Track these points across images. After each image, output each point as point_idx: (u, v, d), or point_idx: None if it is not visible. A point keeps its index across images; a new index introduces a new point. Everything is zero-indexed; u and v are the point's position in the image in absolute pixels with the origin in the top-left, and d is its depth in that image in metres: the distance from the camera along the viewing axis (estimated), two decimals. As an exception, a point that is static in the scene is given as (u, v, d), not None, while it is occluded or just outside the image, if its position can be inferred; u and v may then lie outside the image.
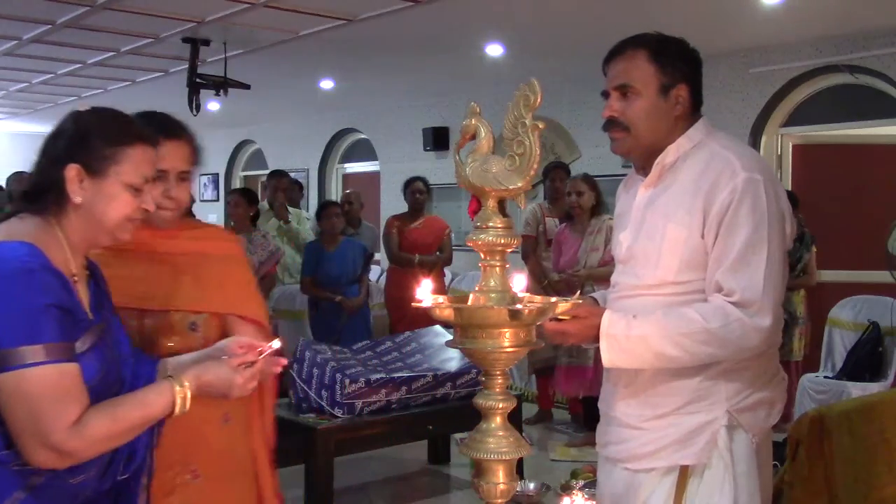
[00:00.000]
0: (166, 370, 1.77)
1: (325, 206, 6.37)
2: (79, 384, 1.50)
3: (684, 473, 1.98)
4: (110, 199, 1.61)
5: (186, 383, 1.63)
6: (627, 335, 1.92)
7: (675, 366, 1.95)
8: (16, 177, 6.43)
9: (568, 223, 5.68)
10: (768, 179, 1.97)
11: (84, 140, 1.61)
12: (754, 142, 6.40)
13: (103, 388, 1.58)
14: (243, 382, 1.69)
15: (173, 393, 1.61)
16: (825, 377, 5.52)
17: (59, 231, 1.59)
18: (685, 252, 1.97)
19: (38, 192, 1.61)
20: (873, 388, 5.05)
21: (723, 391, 1.98)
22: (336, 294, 6.09)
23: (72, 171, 1.58)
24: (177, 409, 1.61)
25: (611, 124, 2.05)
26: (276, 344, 1.75)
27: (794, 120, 6.48)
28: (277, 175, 6.95)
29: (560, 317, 1.92)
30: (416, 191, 6.49)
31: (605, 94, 2.08)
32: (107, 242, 1.66)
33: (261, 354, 1.74)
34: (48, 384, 1.45)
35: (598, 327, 1.94)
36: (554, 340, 2.02)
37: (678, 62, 2.05)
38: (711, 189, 1.94)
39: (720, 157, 1.99)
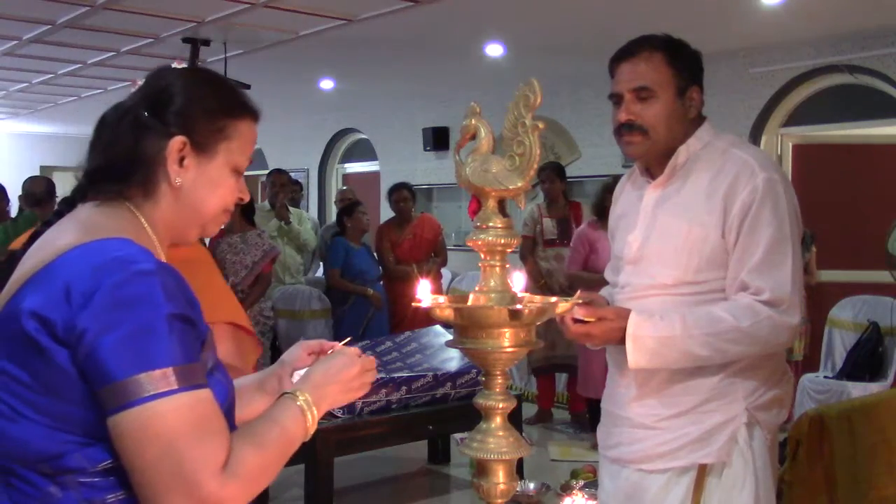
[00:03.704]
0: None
1: (353, 206, 6.55)
2: (219, 413, 1.15)
3: (702, 472, 1.99)
4: (215, 183, 1.29)
5: (306, 395, 1.30)
6: (655, 336, 1.92)
7: (702, 365, 1.96)
8: (32, 180, 6.30)
9: (601, 222, 5.42)
10: (784, 179, 2.00)
11: (192, 105, 1.26)
12: (754, 142, 6.40)
13: (230, 412, 1.25)
14: (367, 375, 1.41)
15: (298, 407, 1.28)
16: (825, 377, 5.52)
17: (144, 222, 1.26)
18: (705, 251, 1.97)
19: (121, 170, 1.25)
20: (873, 388, 5.04)
21: (740, 389, 1.99)
22: (365, 288, 6.28)
23: (176, 144, 1.24)
24: (309, 426, 1.28)
25: (627, 128, 2.03)
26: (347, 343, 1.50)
27: (794, 120, 6.48)
28: (276, 173, 6.95)
29: (585, 318, 1.93)
30: (401, 199, 6.53)
31: (615, 97, 2.05)
32: (194, 238, 1.35)
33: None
34: (186, 419, 1.09)
35: (623, 329, 1.94)
36: (578, 341, 2.03)
37: (691, 64, 2.06)
38: (730, 189, 1.96)
39: (735, 157, 2.00)
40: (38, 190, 5.97)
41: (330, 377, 1.36)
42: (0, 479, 1.18)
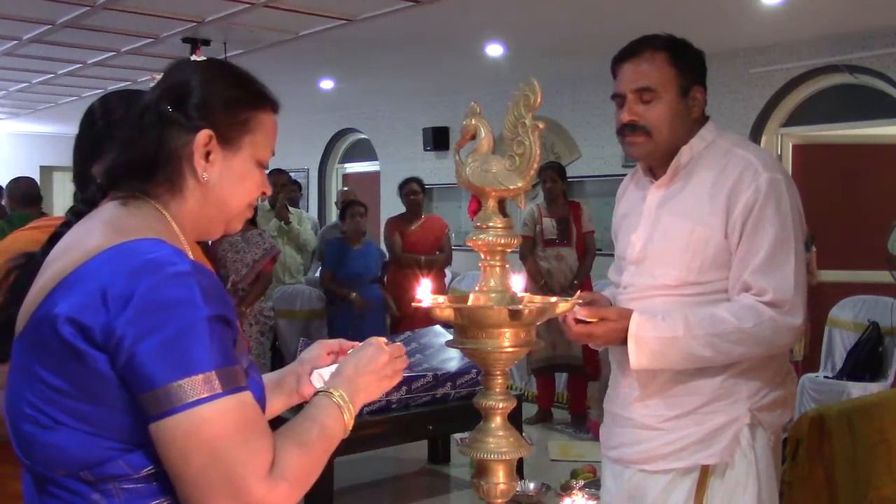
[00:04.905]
0: None
1: (349, 206, 6.48)
2: (261, 415, 1.13)
3: (705, 473, 1.98)
4: (241, 177, 1.26)
5: (340, 391, 1.29)
6: (657, 337, 1.92)
7: (705, 365, 1.95)
8: (21, 181, 6.32)
9: None
10: (787, 179, 1.99)
11: (213, 98, 1.23)
12: (754, 142, 6.39)
13: (263, 410, 1.21)
14: (398, 362, 1.42)
15: (335, 404, 1.27)
16: (825, 377, 5.52)
17: (171, 220, 1.22)
18: (708, 252, 1.97)
19: (145, 167, 1.21)
20: (873, 388, 5.04)
21: (744, 390, 1.98)
22: (353, 291, 6.21)
23: (203, 138, 1.21)
24: (347, 422, 1.28)
25: (629, 128, 2.02)
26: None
27: (794, 120, 6.48)
28: (276, 173, 6.95)
29: (587, 319, 1.92)
30: (411, 192, 6.49)
31: (618, 97, 2.04)
32: (219, 234, 1.31)
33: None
34: (231, 423, 1.06)
35: (625, 330, 1.93)
36: (580, 342, 2.03)
37: (694, 63, 2.05)
38: (733, 189, 1.95)
39: (738, 157, 1.99)
40: (29, 191, 6.05)
41: (361, 369, 1.36)
42: (34, 487, 1.16)
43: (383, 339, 1.44)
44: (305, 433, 1.19)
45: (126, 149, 1.23)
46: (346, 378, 1.34)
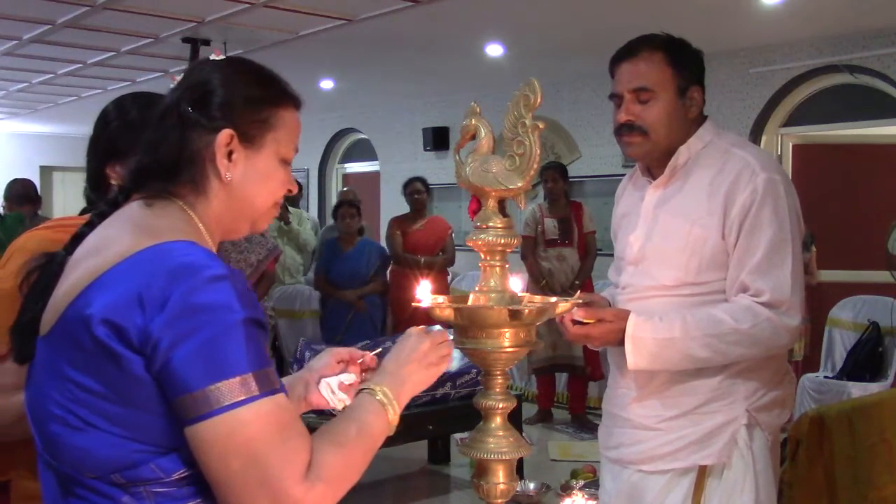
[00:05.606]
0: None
1: (339, 207, 6.42)
2: (297, 416, 1.12)
3: (702, 473, 1.98)
4: (265, 176, 1.25)
5: (383, 388, 1.28)
6: (654, 338, 1.92)
7: (703, 366, 1.95)
8: (18, 182, 6.40)
9: None
10: (785, 179, 1.99)
11: (234, 97, 1.23)
12: (754, 142, 6.39)
13: None
14: (442, 347, 1.40)
15: (378, 402, 1.27)
16: (825, 377, 5.51)
17: (197, 221, 1.22)
18: (706, 253, 1.97)
19: (169, 169, 1.22)
20: (873, 388, 5.04)
21: (741, 390, 1.98)
22: (344, 292, 6.17)
23: (224, 138, 1.21)
24: (391, 419, 1.28)
25: (627, 128, 2.02)
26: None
27: (794, 120, 6.48)
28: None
29: (584, 320, 1.92)
30: (415, 191, 6.46)
31: (615, 97, 2.04)
32: (244, 233, 1.31)
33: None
34: (269, 425, 1.06)
35: (623, 331, 1.93)
36: (578, 343, 2.03)
37: (692, 63, 2.04)
38: (731, 189, 1.95)
39: (736, 157, 1.99)
40: (24, 191, 6.11)
41: (403, 360, 1.35)
42: (59, 488, 1.14)
43: (422, 328, 1.43)
44: (343, 433, 1.18)
45: (149, 151, 1.23)
46: (388, 373, 1.33)
